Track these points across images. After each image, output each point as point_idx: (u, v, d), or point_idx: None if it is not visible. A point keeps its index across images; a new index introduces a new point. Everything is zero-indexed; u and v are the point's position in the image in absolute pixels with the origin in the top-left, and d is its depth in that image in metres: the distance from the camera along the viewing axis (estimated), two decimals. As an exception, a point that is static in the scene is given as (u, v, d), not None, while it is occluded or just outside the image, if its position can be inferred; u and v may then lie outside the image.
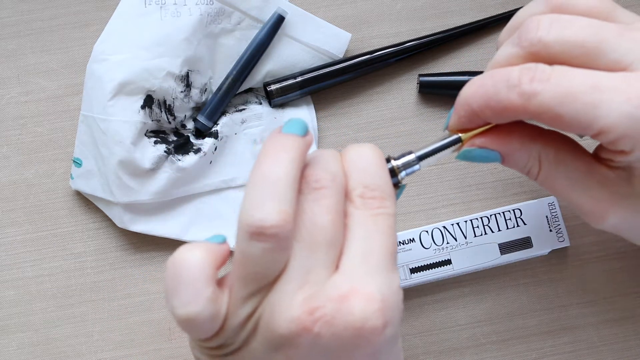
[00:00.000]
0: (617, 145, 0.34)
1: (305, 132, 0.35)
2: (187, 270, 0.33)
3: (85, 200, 0.50)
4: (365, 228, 0.34)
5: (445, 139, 0.38)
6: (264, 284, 0.33)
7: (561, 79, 0.33)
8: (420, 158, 0.37)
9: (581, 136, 0.40)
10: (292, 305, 0.32)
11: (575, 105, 0.33)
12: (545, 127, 0.37)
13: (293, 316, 0.32)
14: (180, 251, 0.34)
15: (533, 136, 0.37)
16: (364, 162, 0.35)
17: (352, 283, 0.32)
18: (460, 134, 0.37)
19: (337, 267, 0.33)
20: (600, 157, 0.37)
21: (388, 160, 0.37)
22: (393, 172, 0.37)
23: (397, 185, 0.37)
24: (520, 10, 0.38)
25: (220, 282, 0.34)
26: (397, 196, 0.38)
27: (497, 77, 0.35)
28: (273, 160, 0.33)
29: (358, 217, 0.34)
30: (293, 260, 0.33)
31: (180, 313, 0.33)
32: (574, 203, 0.37)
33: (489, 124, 0.37)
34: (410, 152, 0.37)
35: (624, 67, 0.34)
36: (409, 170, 0.37)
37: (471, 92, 0.36)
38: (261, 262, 0.32)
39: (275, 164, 0.33)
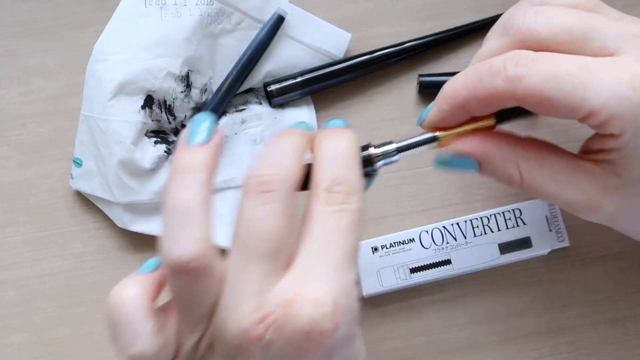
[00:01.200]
0: (606, 128, 0.33)
1: (210, 135, 0.33)
2: (124, 310, 0.32)
3: (85, 200, 0.50)
4: (323, 226, 0.32)
5: (424, 134, 0.37)
6: (206, 308, 0.32)
7: (547, 62, 0.33)
8: (400, 150, 0.36)
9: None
10: (241, 316, 0.31)
11: (563, 86, 0.32)
12: (523, 133, 0.37)
13: (243, 327, 0.31)
14: (114, 291, 0.33)
15: (510, 143, 0.37)
16: (335, 152, 0.33)
17: (300, 286, 0.31)
18: (437, 133, 0.37)
19: (290, 267, 0.32)
20: (589, 150, 0.36)
21: (368, 147, 0.36)
22: (370, 161, 0.36)
23: (370, 174, 0.36)
24: (506, 12, 0.38)
25: (165, 308, 0.34)
26: (368, 186, 0.37)
27: (480, 67, 0.34)
28: (179, 185, 0.32)
29: (319, 213, 0.32)
30: (238, 272, 0.32)
31: (127, 355, 0.32)
32: (566, 201, 0.37)
33: (467, 122, 0.37)
34: (390, 142, 0.37)
35: (611, 53, 0.33)
36: (387, 160, 0.36)
37: (455, 85, 0.35)
38: (193, 293, 0.31)
39: (182, 190, 0.31)
